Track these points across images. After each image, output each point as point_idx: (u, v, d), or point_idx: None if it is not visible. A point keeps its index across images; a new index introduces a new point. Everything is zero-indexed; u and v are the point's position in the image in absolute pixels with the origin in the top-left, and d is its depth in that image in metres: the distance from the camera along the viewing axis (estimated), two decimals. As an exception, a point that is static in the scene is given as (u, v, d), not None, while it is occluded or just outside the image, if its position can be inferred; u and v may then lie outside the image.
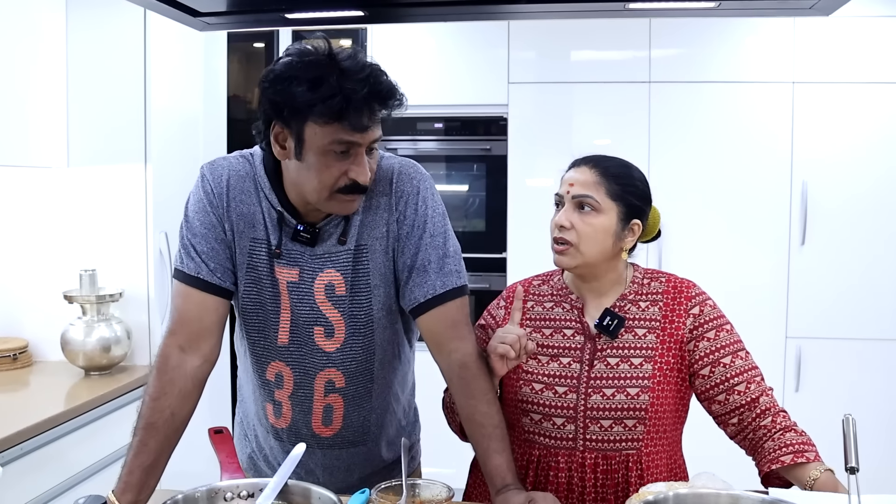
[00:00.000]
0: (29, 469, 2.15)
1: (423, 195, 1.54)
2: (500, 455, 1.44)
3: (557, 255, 1.56)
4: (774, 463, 1.43)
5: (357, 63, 1.37)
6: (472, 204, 3.80)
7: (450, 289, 1.51)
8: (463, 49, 3.74)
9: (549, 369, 1.56)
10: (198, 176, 1.57)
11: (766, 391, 1.51)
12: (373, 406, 1.61)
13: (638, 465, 1.52)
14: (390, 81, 1.40)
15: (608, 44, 3.65)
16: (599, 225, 1.53)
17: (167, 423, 1.42)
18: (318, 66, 1.36)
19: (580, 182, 1.55)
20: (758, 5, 1.44)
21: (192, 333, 1.48)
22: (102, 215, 2.87)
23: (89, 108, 2.85)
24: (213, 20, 1.69)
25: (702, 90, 3.57)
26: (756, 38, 3.53)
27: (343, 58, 1.37)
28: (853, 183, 3.50)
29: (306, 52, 1.38)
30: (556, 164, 3.60)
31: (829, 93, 3.49)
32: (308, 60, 1.37)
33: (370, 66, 1.39)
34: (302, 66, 1.37)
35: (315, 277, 1.52)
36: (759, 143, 3.54)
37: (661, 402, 1.52)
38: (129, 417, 1.45)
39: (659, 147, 3.58)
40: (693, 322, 1.54)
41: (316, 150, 1.39)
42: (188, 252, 1.51)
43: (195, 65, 3.26)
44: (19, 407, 2.45)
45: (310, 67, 1.36)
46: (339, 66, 1.35)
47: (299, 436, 1.58)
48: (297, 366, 1.55)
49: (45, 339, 2.87)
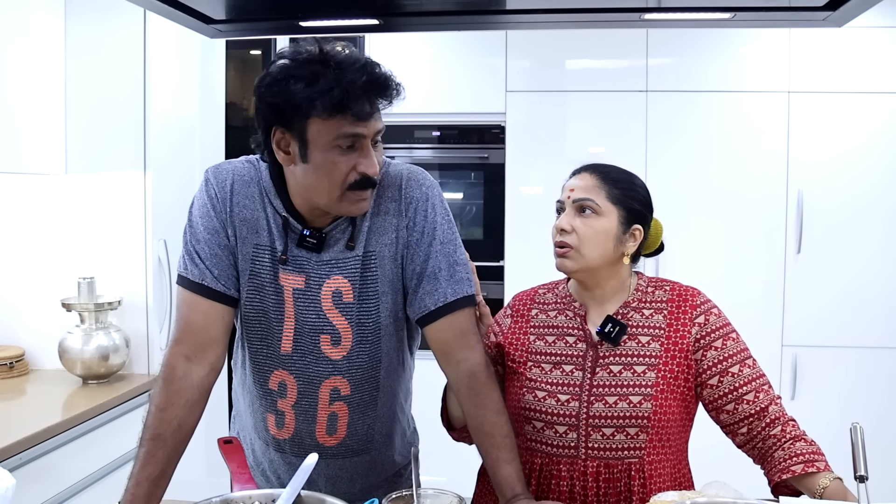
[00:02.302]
0: (26, 480, 2.12)
1: (432, 202, 1.53)
2: (510, 465, 1.44)
3: (559, 259, 1.56)
4: (785, 473, 1.43)
5: (351, 56, 1.39)
6: (470, 212, 3.80)
7: (460, 297, 1.51)
8: (461, 57, 3.74)
9: (552, 377, 1.56)
10: (202, 180, 1.55)
11: (775, 400, 1.51)
12: (378, 414, 1.60)
13: (640, 473, 1.51)
14: (386, 72, 1.40)
15: (606, 53, 3.67)
16: (600, 227, 1.54)
17: (174, 434, 1.41)
18: (313, 63, 1.37)
19: (581, 187, 1.56)
20: (771, 17, 1.46)
21: (198, 343, 1.47)
22: (101, 223, 2.86)
23: (87, 114, 2.85)
24: (226, 27, 1.68)
25: (698, 99, 3.59)
26: (752, 48, 3.55)
27: (336, 53, 1.38)
28: (849, 191, 3.52)
29: (299, 52, 1.39)
30: (553, 173, 3.63)
31: (824, 102, 3.51)
32: (302, 59, 1.38)
33: (364, 58, 1.40)
34: (297, 66, 1.37)
35: (322, 284, 1.50)
36: (755, 151, 3.56)
37: (664, 411, 1.51)
38: (129, 427, 1.44)
39: (656, 156, 3.59)
40: (699, 331, 1.54)
41: (321, 147, 1.39)
42: (192, 258, 1.50)
43: (193, 72, 3.25)
44: (16, 416, 2.43)
45: (305, 65, 1.37)
46: (334, 60, 1.37)
47: (302, 446, 1.57)
48: (301, 374, 1.54)
49: (42, 347, 2.86)
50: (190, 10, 1.61)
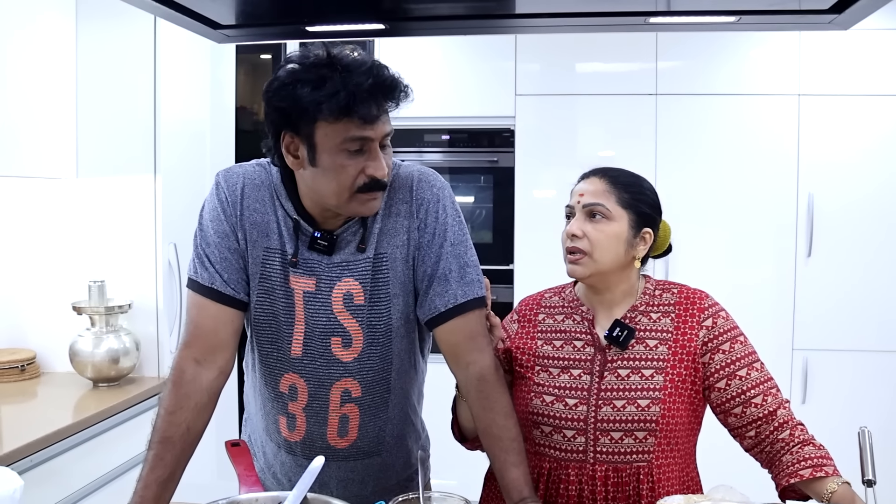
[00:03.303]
0: (36, 482, 2.13)
1: (443, 203, 1.53)
2: (517, 468, 1.43)
3: (571, 265, 1.56)
4: (793, 477, 1.42)
5: (357, 59, 1.39)
6: (479, 216, 3.80)
7: (470, 298, 1.50)
8: (470, 61, 3.75)
9: (560, 381, 1.56)
10: (213, 183, 1.56)
11: (783, 403, 1.51)
12: (389, 416, 1.60)
13: (649, 477, 1.51)
14: (393, 74, 1.40)
15: (616, 56, 3.66)
16: (611, 232, 1.53)
17: (183, 437, 1.41)
18: (320, 66, 1.37)
19: (590, 192, 1.56)
20: (777, 20, 1.46)
21: (207, 346, 1.47)
22: (111, 226, 2.87)
23: (98, 119, 2.86)
24: (233, 32, 1.69)
25: (708, 102, 3.58)
26: (762, 51, 3.54)
27: (343, 56, 1.38)
28: (859, 195, 3.50)
29: (307, 56, 1.39)
30: (563, 176, 3.64)
31: (834, 105, 3.50)
32: (309, 63, 1.38)
33: (371, 60, 1.40)
34: (304, 69, 1.38)
35: (333, 287, 1.50)
36: (765, 155, 3.55)
37: (672, 415, 1.51)
38: (138, 429, 1.45)
39: (666, 159, 3.58)
40: (707, 334, 1.54)
41: (329, 151, 1.39)
42: (202, 262, 1.50)
43: (203, 76, 3.27)
44: (27, 419, 2.45)
45: (312, 69, 1.37)
46: (341, 64, 1.37)
47: (313, 448, 1.57)
48: (312, 377, 1.54)
49: (53, 350, 2.87)
50: (198, 15, 1.61)
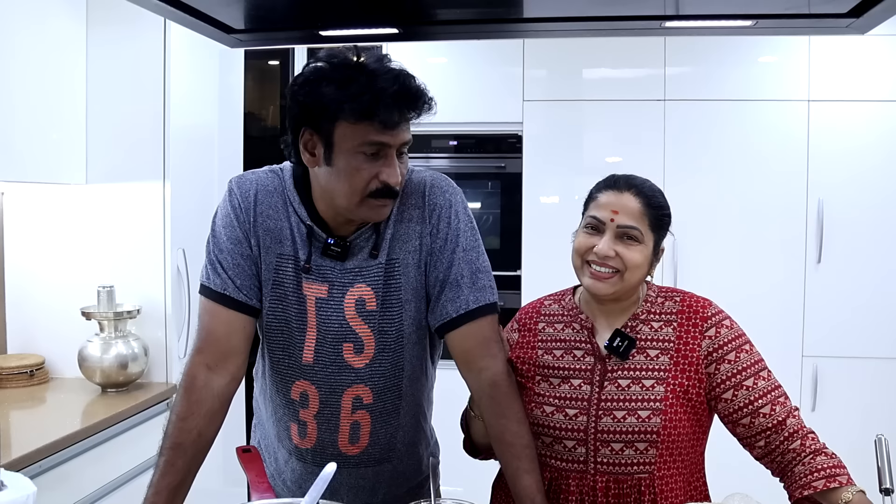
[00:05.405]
0: (46, 488, 2.12)
1: (455, 208, 1.53)
2: (530, 475, 1.43)
3: (593, 281, 1.50)
4: (806, 489, 1.40)
5: (385, 65, 1.39)
6: (487, 221, 3.79)
7: (483, 304, 1.50)
8: (477, 67, 3.75)
9: (560, 391, 1.54)
10: (225, 190, 1.56)
11: (793, 412, 1.48)
12: (400, 423, 1.59)
13: (651, 489, 1.48)
14: (419, 84, 1.41)
15: (623, 62, 3.66)
16: (642, 255, 1.49)
17: (194, 444, 1.41)
18: (347, 67, 1.38)
19: (627, 212, 1.49)
20: (793, 24, 1.45)
21: (219, 352, 1.47)
22: (120, 232, 2.87)
23: (108, 125, 2.86)
24: (246, 37, 1.69)
25: (717, 108, 3.58)
26: (772, 57, 3.53)
27: (371, 61, 1.39)
28: (869, 201, 3.49)
29: (334, 56, 1.40)
30: (571, 182, 3.64)
31: (844, 111, 3.49)
32: (336, 63, 1.39)
33: (399, 68, 1.40)
34: (331, 68, 1.39)
35: (345, 293, 1.50)
36: (774, 160, 3.54)
37: (674, 426, 1.48)
38: (147, 435, 1.44)
39: (673, 165, 3.58)
40: (710, 345, 1.51)
41: (346, 152, 1.39)
42: (215, 268, 1.50)
43: (211, 82, 3.27)
44: (35, 424, 2.45)
45: (338, 69, 1.38)
46: (368, 68, 1.38)
47: (325, 455, 1.56)
48: (324, 384, 1.53)
49: (61, 355, 2.87)
50: (211, 19, 1.61)
